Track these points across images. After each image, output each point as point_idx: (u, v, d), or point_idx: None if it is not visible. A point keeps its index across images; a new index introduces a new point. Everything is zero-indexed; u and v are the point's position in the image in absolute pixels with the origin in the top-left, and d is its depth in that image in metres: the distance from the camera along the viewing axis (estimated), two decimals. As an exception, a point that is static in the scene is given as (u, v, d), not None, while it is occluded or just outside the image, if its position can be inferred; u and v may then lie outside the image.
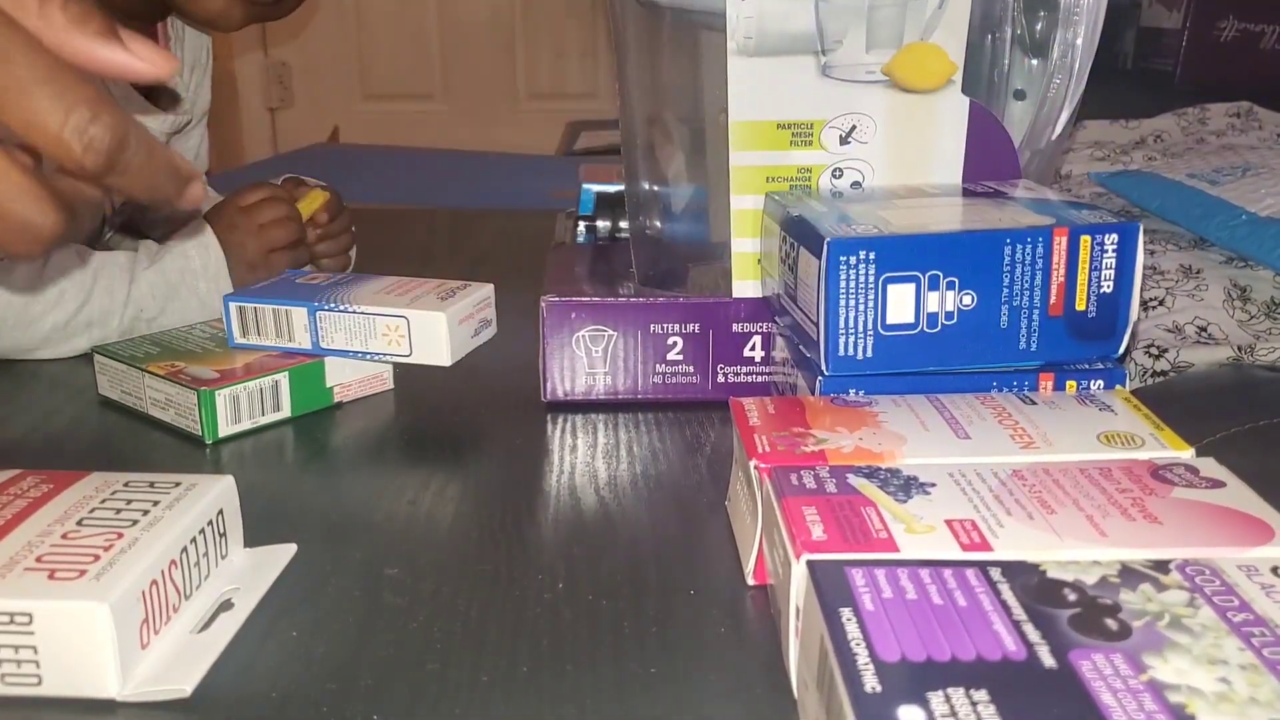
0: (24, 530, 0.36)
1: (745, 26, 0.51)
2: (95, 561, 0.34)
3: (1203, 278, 0.67)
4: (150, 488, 0.39)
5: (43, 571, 0.34)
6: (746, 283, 0.55)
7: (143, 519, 0.37)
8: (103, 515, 0.37)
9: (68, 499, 0.38)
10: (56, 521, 0.37)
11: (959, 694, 0.26)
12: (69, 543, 0.35)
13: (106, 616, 0.32)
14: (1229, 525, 0.33)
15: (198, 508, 0.38)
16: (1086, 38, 0.54)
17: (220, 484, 0.40)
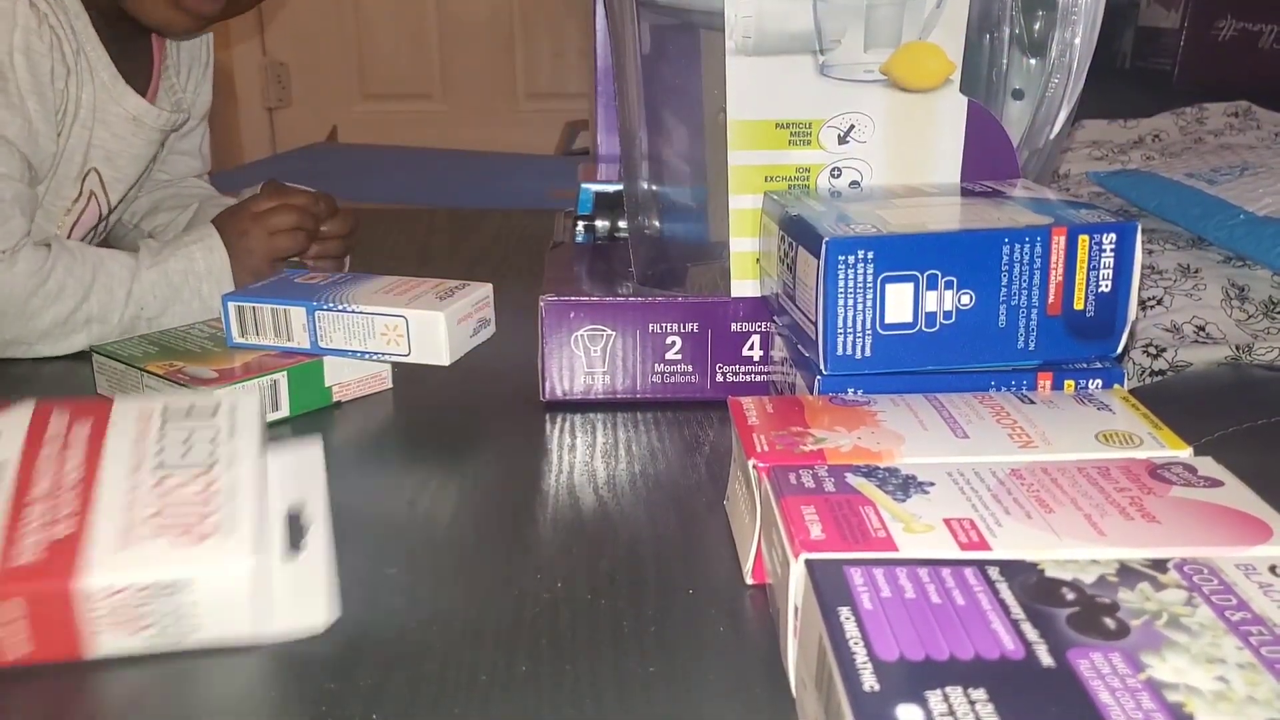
0: (110, 487, 0.36)
1: (744, 26, 0.51)
2: (211, 512, 0.36)
3: (1201, 277, 0.67)
4: (188, 415, 0.40)
5: (171, 530, 0.35)
6: (745, 282, 0.55)
7: (219, 456, 0.38)
8: (172, 458, 0.38)
9: (121, 442, 0.38)
10: (132, 471, 0.37)
11: (957, 693, 0.26)
12: (168, 496, 0.36)
13: (253, 568, 0.35)
14: (1227, 524, 0.33)
15: (251, 431, 0.39)
16: (1085, 37, 0.54)
17: (249, 397, 0.41)
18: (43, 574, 0.33)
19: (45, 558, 0.34)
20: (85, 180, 0.74)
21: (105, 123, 0.74)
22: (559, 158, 2.17)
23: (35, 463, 0.37)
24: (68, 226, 0.75)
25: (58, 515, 0.35)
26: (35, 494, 0.36)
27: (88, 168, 0.74)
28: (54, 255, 0.64)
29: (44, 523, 0.35)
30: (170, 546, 0.35)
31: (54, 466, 0.37)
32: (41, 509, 0.36)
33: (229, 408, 0.41)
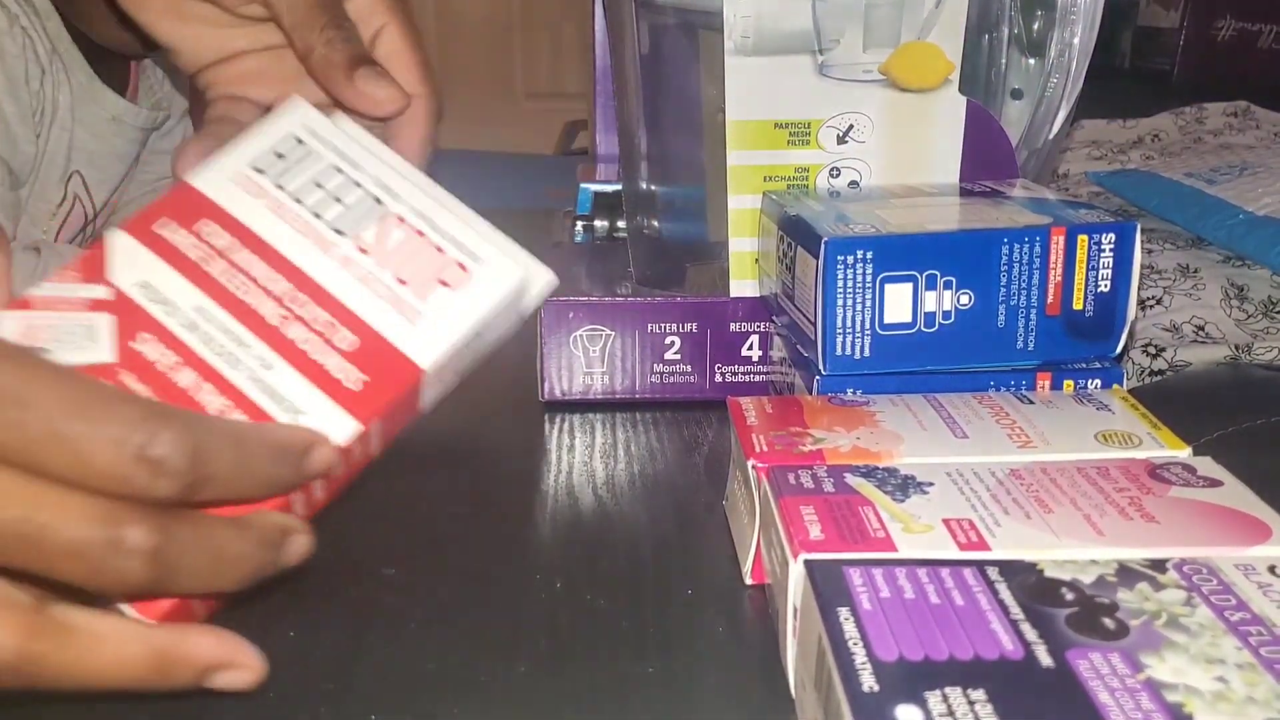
0: (330, 278, 0.35)
1: (742, 26, 0.51)
2: (441, 247, 0.36)
3: (1200, 277, 0.67)
4: (287, 159, 0.37)
5: (428, 285, 0.35)
6: (744, 282, 0.55)
7: (371, 190, 0.37)
8: (337, 217, 0.36)
9: (276, 227, 0.36)
10: (324, 252, 0.35)
11: (956, 693, 0.26)
12: (384, 257, 0.35)
13: (525, 271, 0.37)
14: (1226, 524, 0.33)
15: (350, 143, 0.38)
16: (1084, 37, 0.54)
17: (294, 113, 0.38)
18: (388, 385, 0.34)
19: (374, 370, 0.34)
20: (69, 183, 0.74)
21: (84, 124, 0.73)
22: (557, 157, 2.16)
23: (222, 290, 0.34)
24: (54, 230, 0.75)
25: (322, 327, 0.34)
26: (270, 316, 0.34)
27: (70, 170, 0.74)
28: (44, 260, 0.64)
29: (320, 339, 0.34)
30: (451, 297, 0.35)
31: (246, 284, 0.35)
32: (299, 330, 0.34)
33: (307, 131, 0.38)
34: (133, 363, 0.33)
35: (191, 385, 0.33)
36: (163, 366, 0.33)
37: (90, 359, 0.33)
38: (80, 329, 0.33)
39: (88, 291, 0.34)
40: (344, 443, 0.33)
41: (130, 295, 0.34)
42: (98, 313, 0.34)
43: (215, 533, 0.28)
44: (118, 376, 0.33)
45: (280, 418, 0.33)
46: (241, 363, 0.33)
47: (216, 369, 0.33)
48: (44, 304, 0.33)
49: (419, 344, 0.34)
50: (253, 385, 0.33)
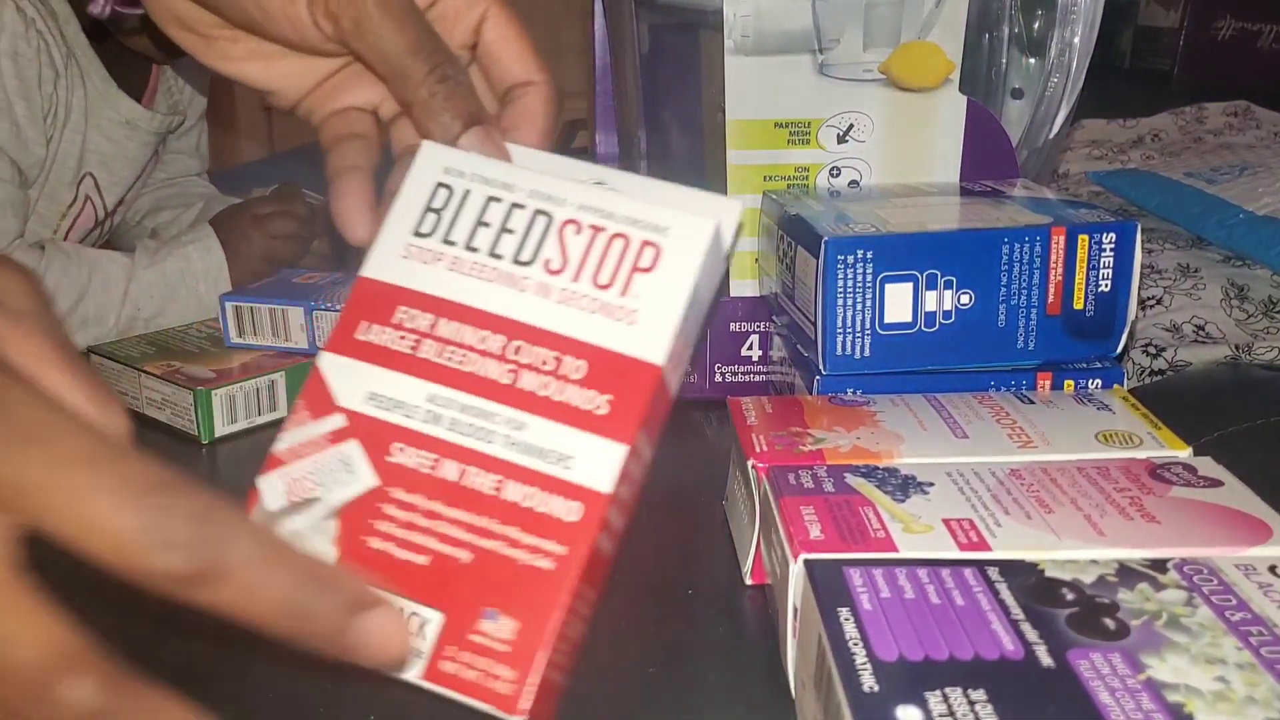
0: (540, 316, 0.34)
1: (742, 25, 0.50)
2: (639, 226, 0.35)
3: (1200, 277, 0.67)
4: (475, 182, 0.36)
5: (623, 275, 0.34)
6: (744, 282, 0.55)
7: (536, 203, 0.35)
8: (520, 250, 0.35)
9: (486, 289, 0.35)
10: (521, 293, 0.35)
11: (957, 694, 0.26)
12: (580, 260, 0.34)
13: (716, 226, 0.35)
14: (1227, 524, 0.33)
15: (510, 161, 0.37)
16: (1084, 36, 0.54)
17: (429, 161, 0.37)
18: (634, 396, 0.33)
19: (615, 386, 0.33)
20: (80, 185, 0.74)
21: (99, 127, 0.74)
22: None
23: (445, 370, 0.34)
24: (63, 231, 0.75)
25: (550, 365, 0.33)
26: (499, 377, 0.34)
27: (83, 172, 0.74)
28: (48, 256, 0.64)
29: (553, 378, 0.33)
30: (654, 280, 0.34)
31: (463, 354, 0.34)
32: (531, 378, 0.33)
33: (449, 173, 0.36)
34: (396, 478, 0.33)
35: (457, 476, 0.33)
36: (425, 469, 0.33)
37: (357, 490, 0.33)
38: (336, 465, 0.33)
39: (324, 426, 0.34)
40: (619, 469, 0.32)
41: (364, 412, 0.34)
42: (343, 442, 0.33)
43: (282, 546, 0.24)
44: (389, 496, 0.33)
45: (551, 472, 0.32)
46: (494, 434, 0.33)
47: (474, 450, 0.33)
48: (292, 455, 0.33)
49: (644, 342, 0.33)
50: (513, 451, 0.33)
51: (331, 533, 0.33)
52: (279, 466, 0.33)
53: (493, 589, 0.32)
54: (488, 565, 0.32)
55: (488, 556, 0.32)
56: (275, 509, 0.33)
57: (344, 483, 0.33)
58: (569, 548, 0.31)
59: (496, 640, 0.31)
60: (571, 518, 0.32)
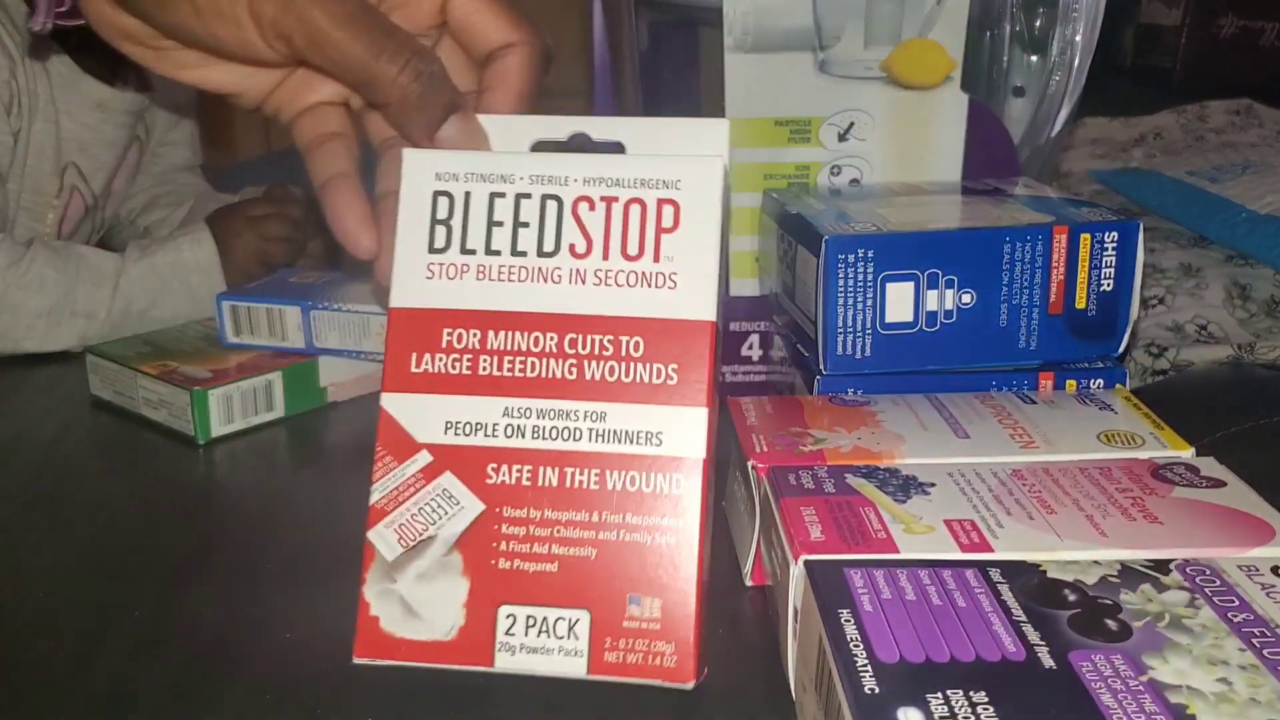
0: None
1: (742, 22, 0.50)
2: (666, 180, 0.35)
3: (1203, 276, 0.66)
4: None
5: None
6: (744, 281, 0.55)
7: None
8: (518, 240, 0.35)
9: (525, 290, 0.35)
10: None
11: (958, 695, 0.26)
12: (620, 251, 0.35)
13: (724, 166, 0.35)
14: (1229, 525, 0.33)
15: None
16: (1086, 34, 0.54)
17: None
18: (696, 357, 0.33)
19: (676, 353, 0.33)
20: (64, 175, 0.74)
21: (69, 113, 0.73)
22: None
23: (511, 382, 0.34)
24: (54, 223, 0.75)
25: (610, 350, 0.34)
26: (565, 374, 0.34)
27: (64, 162, 0.74)
28: (34, 249, 0.64)
29: (616, 361, 0.34)
30: (681, 239, 0.34)
31: (522, 361, 0.34)
32: (595, 367, 0.34)
33: (442, 178, 0.35)
34: (501, 497, 0.33)
35: (558, 480, 0.33)
36: (526, 483, 0.33)
37: (467, 519, 0.33)
38: (438, 500, 0.34)
39: (413, 466, 0.34)
40: (706, 431, 0.33)
41: (447, 443, 0.34)
42: (438, 477, 0.34)
43: None
44: (501, 515, 0.33)
45: (645, 452, 0.33)
46: (579, 430, 0.33)
47: (566, 451, 0.33)
48: (391, 502, 0.34)
49: (691, 302, 0.33)
50: (603, 442, 0.33)
51: (457, 566, 0.33)
52: (384, 517, 0.34)
53: (627, 575, 0.33)
54: (615, 555, 0.33)
55: (612, 547, 0.33)
56: (394, 558, 0.33)
57: (452, 515, 0.33)
58: (683, 518, 0.33)
59: (647, 621, 0.33)
60: (677, 490, 0.33)
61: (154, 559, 0.42)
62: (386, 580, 0.33)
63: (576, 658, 0.33)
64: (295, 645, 0.36)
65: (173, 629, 0.38)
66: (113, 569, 0.41)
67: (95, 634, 0.37)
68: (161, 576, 0.41)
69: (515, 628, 0.33)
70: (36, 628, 0.38)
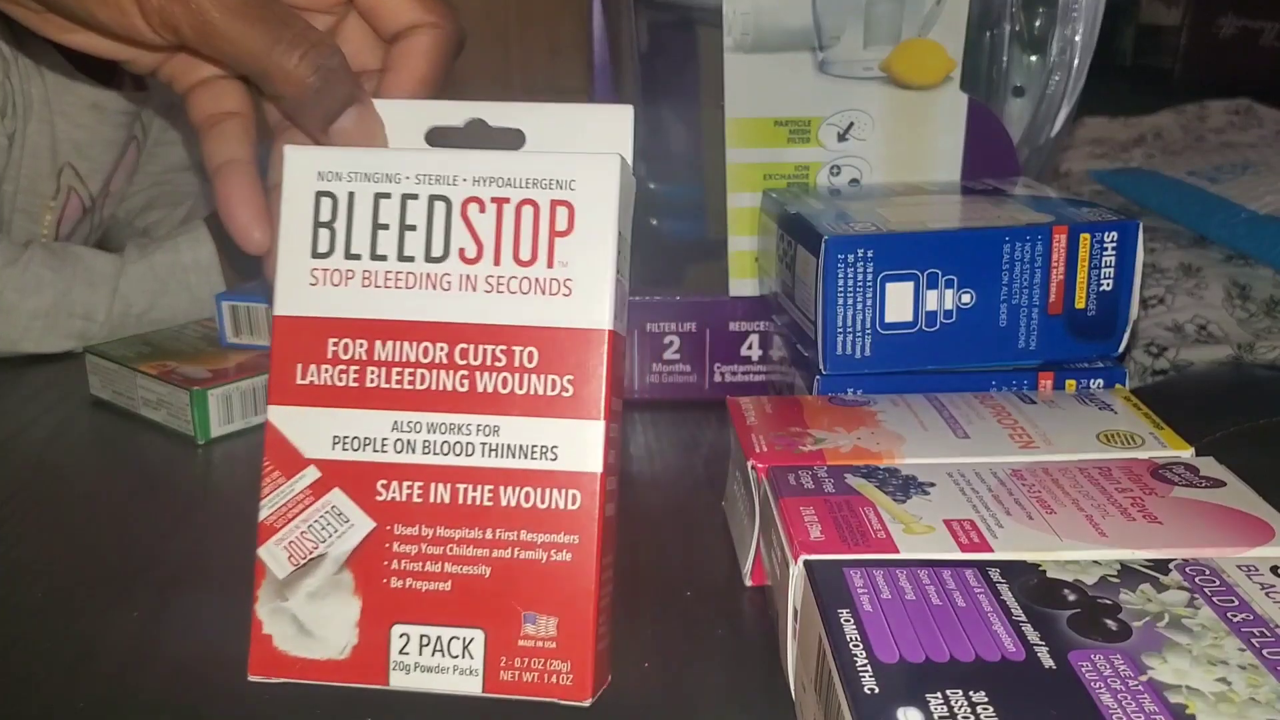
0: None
1: (742, 22, 0.50)
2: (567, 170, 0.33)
3: (1202, 276, 0.66)
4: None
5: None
6: (743, 281, 0.55)
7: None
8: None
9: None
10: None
11: (958, 695, 0.26)
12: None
13: (621, 164, 0.33)
14: (1229, 525, 0.33)
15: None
16: (1085, 34, 0.54)
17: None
18: (592, 366, 0.32)
19: (571, 363, 0.32)
20: (61, 176, 0.74)
21: (65, 114, 0.73)
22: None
23: (399, 395, 0.33)
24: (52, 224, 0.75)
25: (502, 361, 0.32)
26: (455, 386, 0.33)
27: (60, 164, 0.74)
28: (31, 250, 0.64)
29: (509, 372, 0.32)
30: (576, 242, 0.32)
31: (411, 373, 0.33)
32: (487, 378, 0.33)
33: (324, 177, 0.34)
34: (391, 514, 0.33)
35: (450, 497, 0.32)
36: (417, 499, 0.33)
37: (357, 537, 0.33)
38: (327, 518, 0.33)
39: (300, 482, 0.33)
40: (603, 445, 0.32)
41: (335, 459, 0.33)
42: (326, 493, 0.33)
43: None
44: (391, 533, 0.33)
45: (539, 467, 0.32)
46: (471, 445, 0.32)
47: (457, 466, 0.32)
48: (281, 519, 0.33)
49: (585, 310, 0.32)
50: (496, 458, 0.32)
51: (349, 584, 0.33)
52: (273, 535, 0.33)
53: (522, 593, 0.32)
54: (509, 573, 0.32)
55: (506, 565, 0.32)
56: (284, 576, 0.33)
57: (342, 533, 0.33)
58: (579, 535, 0.32)
59: (543, 639, 0.32)
60: (573, 506, 0.32)
61: (153, 559, 0.42)
62: (278, 599, 0.33)
63: (472, 676, 0.32)
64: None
65: (172, 629, 0.37)
66: (112, 569, 0.41)
67: (95, 634, 0.37)
68: (161, 577, 0.41)
69: (409, 646, 0.33)
70: (36, 628, 0.37)
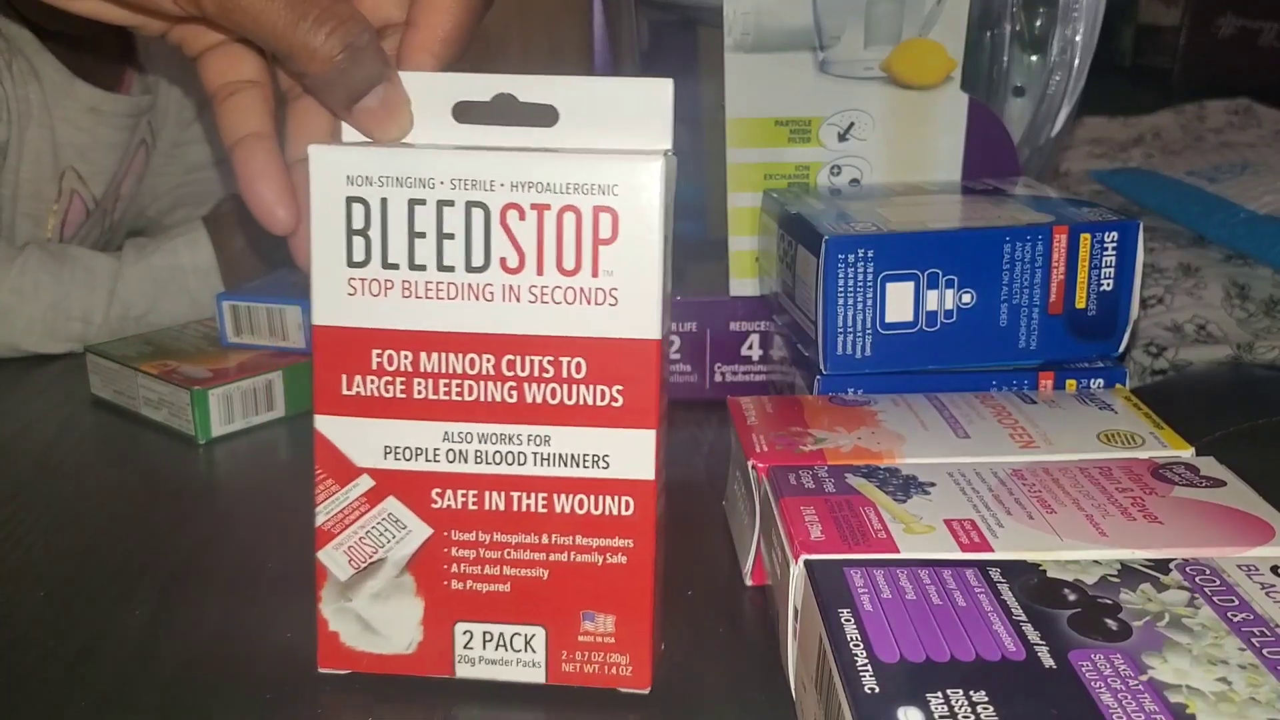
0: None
1: (742, 22, 0.50)
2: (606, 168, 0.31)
3: (1201, 276, 0.66)
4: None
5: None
6: (744, 281, 0.55)
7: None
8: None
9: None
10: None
11: (958, 695, 0.26)
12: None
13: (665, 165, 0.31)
14: (1229, 524, 0.33)
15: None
16: (1085, 34, 0.54)
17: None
18: (642, 376, 0.32)
19: (621, 374, 0.32)
20: (63, 179, 0.74)
21: (65, 119, 0.73)
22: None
23: (447, 406, 0.32)
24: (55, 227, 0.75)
25: (550, 372, 0.32)
26: (505, 396, 0.32)
27: (62, 167, 0.74)
28: (26, 253, 0.64)
29: (558, 383, 0.32)
30: (621, 250, 0.31)
31: (459, 384, 0.32)
32: (536, 389, 0.32)
33: (355, 182, 0.32)
34: (448, 521, 0.33)
35: (505, 505, 0.32)
36: (472, 507, 0.33)
37: (415, 543, 0.33)
38: (385, 524, 0.33)
39: (355, 491, 0.33)
40: (654, 453, 0.32)
41: (387, 468, 0.33)
42: (382, 501, 0.33)
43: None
44: (449, 539, 0.33)
45: (592, 475, 0.32)
46: (524, 455, 0.32)
47: (511, 475, 0.32)
48: (338, 525, 0.33)
49: (633, 320, 0.31)
50: (548, 466, 0.32)
51: (410, 587, 0.33)
52: (331, 540, 0.33)
53: (580, 594, 0.33)
54: (567, 575, 0.33)
55: (563, 567, 0.33)
56: (346, 578, 0.33)
57: (400, 539, 0.33)
58: (634, 539, 0.32)
59: (602, 635, 0.33)
60: (627, 512, 0.32)
61: (154, 559, 0.42)
62: (342, 599, 0.33)
63: (535, 668, 0.33)
64: (296, 645, 0.36)
65: (173, 629, 0.38)
66: (113, 569, 0.41)
67: (95, 634, 0.37)
68: (161, 576, 0.41)
69: (473, 642, 0.33)
70: (37, 627, 0.38)
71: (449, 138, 0.32)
